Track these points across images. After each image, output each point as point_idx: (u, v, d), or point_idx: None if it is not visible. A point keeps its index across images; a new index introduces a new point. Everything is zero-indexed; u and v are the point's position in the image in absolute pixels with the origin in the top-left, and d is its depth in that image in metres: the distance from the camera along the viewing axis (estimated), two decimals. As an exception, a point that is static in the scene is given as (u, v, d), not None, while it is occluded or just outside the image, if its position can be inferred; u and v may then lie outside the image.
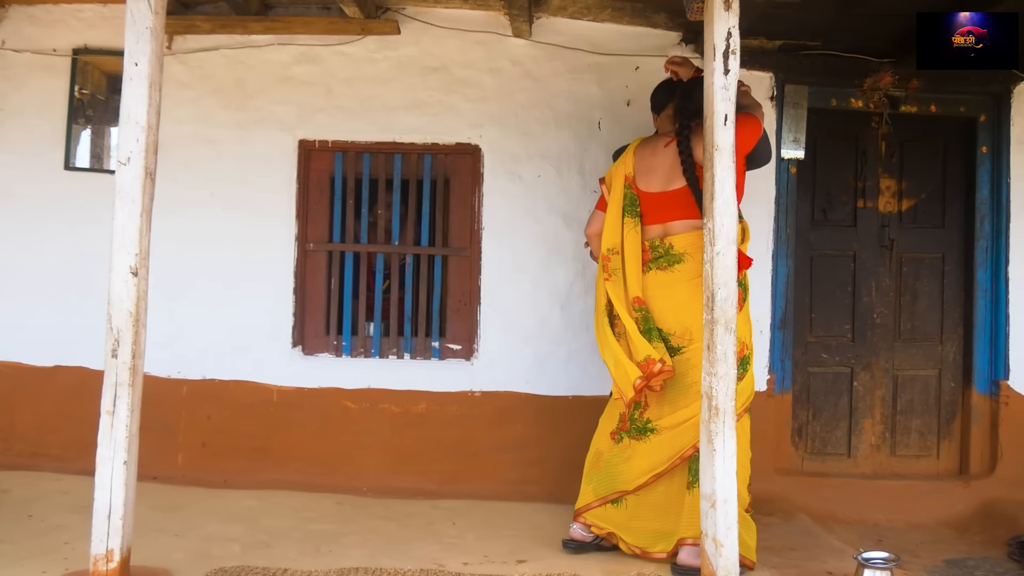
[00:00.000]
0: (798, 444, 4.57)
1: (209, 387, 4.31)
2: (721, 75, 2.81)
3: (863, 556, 2.91)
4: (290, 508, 3.87)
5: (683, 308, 3.31)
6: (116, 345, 2.74)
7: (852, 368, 4.60)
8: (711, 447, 2.81)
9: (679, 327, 3.33)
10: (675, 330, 3.34)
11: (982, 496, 4.38)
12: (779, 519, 4.01)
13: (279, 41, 4.30)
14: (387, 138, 4.33)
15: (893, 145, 4.59)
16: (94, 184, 4.36)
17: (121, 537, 2.75)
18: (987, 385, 4.51)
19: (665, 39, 4.30)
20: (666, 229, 3.41)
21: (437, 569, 3.12)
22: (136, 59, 2.76)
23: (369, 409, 4.30)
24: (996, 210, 4.49)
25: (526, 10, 3.92)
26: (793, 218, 4.44)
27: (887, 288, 4.60)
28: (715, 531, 2.81)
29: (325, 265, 4.40)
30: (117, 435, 2.73)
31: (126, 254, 2.76)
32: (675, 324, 3.34)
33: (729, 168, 2.80)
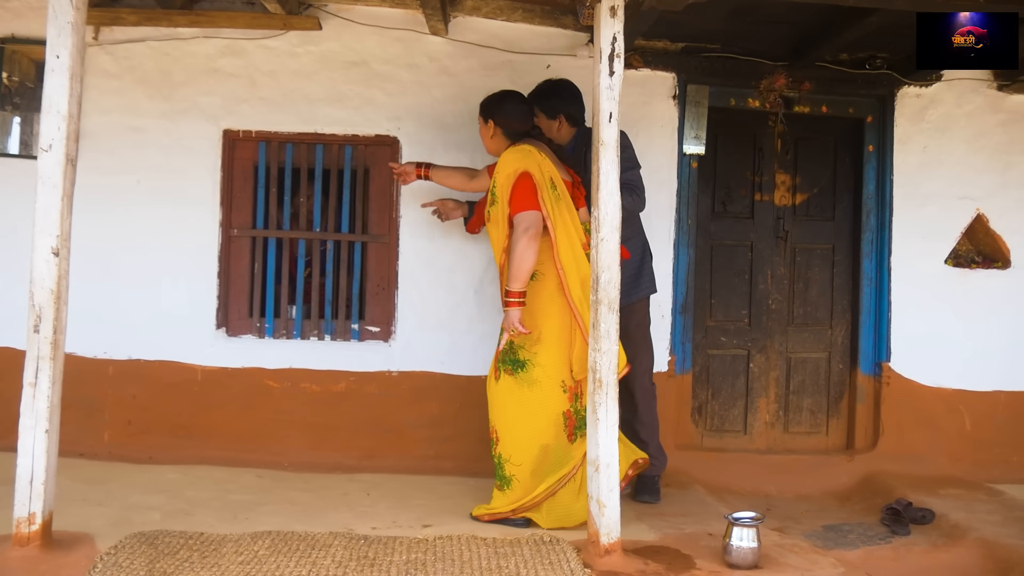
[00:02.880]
0: (698, 422, 4.87)
1: (135, 367, 4.44)
2: (607, 76, 3.06)
3: (732, 516, 3.19)
4: (212, 481, 4.02)
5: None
6: (38, 321, 2.89)
7: (749, 351, 4.92)
8: (595, 416, 3.08)
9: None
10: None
11: (865, 469, 4.73)
12: (676, 490, 4.27)
13: (204, 34, 4.43)
14: (309, 129, 4.50)
15: (788, 143, 4.91)
16: (22, 169, 4.39)
17: (43, 501, 2.90)
18: (871, 367, 4.87)
19: (575, 39, 4.54)
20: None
21: (346, 532, 3.32)
22: (58, 52, 2.90)
23: (291, 388, 4.48)
24: (881, 205, 4.84)
25: (440, 10, 4.13)
26: (694, 210, 4.73)
27: (782, 276, 4.93)
28: (599, 493, 3.07)
29: (249, 250, 4.56)
30: (39, 405, 2.89)
31: (48, 236, 2.91)
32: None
33: (613, 162, 3.06)
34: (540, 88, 4.04)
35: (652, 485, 4.09)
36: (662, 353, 4.62)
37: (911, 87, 4.77)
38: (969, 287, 4.83)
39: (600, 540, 3.07)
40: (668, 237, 4.63)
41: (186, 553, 3.02)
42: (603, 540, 3.07)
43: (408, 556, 3.08)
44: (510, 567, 3.00)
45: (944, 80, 4.77)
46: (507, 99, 3.78)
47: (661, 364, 4.61)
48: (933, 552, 3.85)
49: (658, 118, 4.63)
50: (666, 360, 4.64)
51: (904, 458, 4.71)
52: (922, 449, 4.75)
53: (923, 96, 4.79)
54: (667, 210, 4.63)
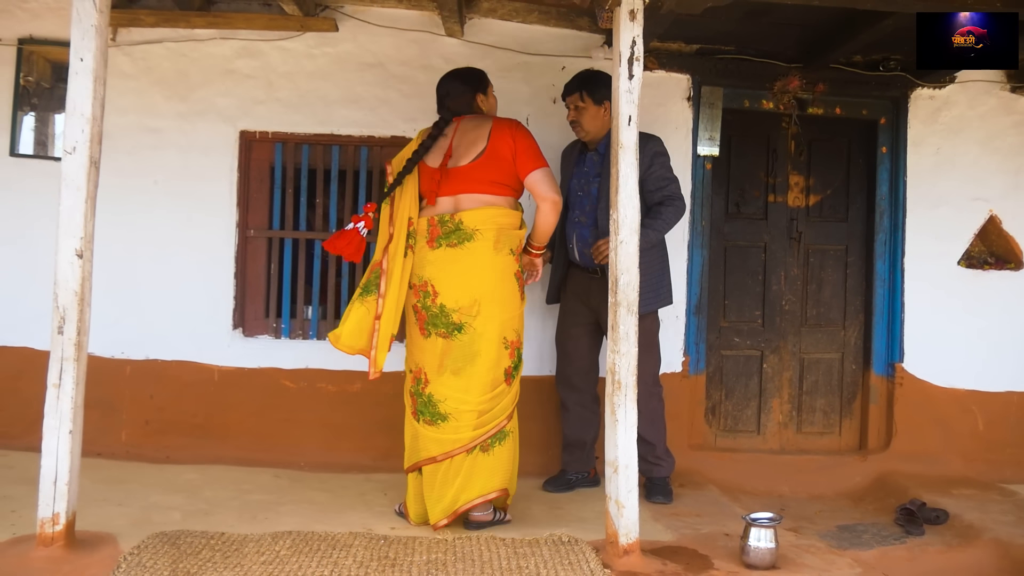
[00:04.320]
0: (711, 422, 4.89)
1: (152, 367, 4.48)
2: (626, 79, 3.07)
3: (750, 516, 3.21)
4: (229, 481, 4.05)
5: (473, 281, 3.42)
6: (62, 322, 2.92)
7: (762, 351, 4.93)
8: (614, 418, 3.09)
9: (468, 300, 3.41)
10: (462, 304, 3.41)
11: (878, 469, 4.75)
12: (690, 490, 4.29)
13: (221, 35, 4.46)
14: (325, 130, 4.54)
15: (801, 144, 4.91)
16: (38, 170, 4.47)
17: (67, 501, 2.93)
18: (884, 367, 4.88)
19: (590, 41, 4.56)
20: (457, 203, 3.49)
21: (366, 532, 3.35)
22: (82, 55, 2.92)
23: (307, 388, 4.51)
24: (894, 206, 4.85)
25: (457, 11, 4.15)
26: (708, 211, 4.74)
27: (795, 277, 4.94)
28: (617, 494, 3.09)
29: (265, 251, 4.59)
30: (63, 406, 2.91)
31: (72, 237, 2.93)
32: (464, 298, 3.41)
33: (632, 165, 3.08)
34: (584, 76, 4.02)
35: (664, 487, 4.10)
36: (676, 354, 4.64)
37: (924, 89, 4.78)
38: (982, 288, 4.84)
39: (619, 540, 3.09)
40: (682, 238, 4.64)
41: (208, 553, 3.04)
42: (622, 541, 3.08)
43: (428, 556, 3.10)
44: (530, 567, 3.02)
45: (957, 82, 4.78)
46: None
47: (675, 365, 4.64)
48: (948, 552, 3.86)
49: (672, 119, 4.65)
50: (680, 361, 4.66)
51: (917, 458, 4.73)
52: (935, 449, 4.76)
53: (936, 98, 4.80)
54: (681, 211, 4.64)
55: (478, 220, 3.43)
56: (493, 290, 3.43)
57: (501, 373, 3.46)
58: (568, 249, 4.10)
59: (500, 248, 3.45)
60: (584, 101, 3.95)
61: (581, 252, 4.02)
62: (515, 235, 3.52)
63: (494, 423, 3.45)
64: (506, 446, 3.49)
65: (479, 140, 3.48)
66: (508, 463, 3.51)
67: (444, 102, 3.67)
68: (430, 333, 3.47)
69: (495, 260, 3.44)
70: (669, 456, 4.15)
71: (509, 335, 3.48)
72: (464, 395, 3.42)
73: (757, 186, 4.92)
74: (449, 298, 3.42)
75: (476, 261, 3.43)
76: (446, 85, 3.70)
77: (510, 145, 3.45)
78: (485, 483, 3.44)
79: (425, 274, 3.47)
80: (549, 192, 3.44)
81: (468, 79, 3.71)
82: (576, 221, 4.04)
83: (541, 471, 4.32)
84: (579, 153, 4.12)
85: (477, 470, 3.43)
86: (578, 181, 4.07)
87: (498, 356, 3.45)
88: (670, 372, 4.60)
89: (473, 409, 3.42)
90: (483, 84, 3.74)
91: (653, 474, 4.09)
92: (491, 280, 3.44)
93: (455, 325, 3.42)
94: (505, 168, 3.45)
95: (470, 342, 3.41)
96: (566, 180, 4.13)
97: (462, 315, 3.41)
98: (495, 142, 3.46)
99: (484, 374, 3.42)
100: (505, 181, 3.47)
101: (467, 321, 3.41)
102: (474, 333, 3.41)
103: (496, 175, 3.46)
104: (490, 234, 3.43)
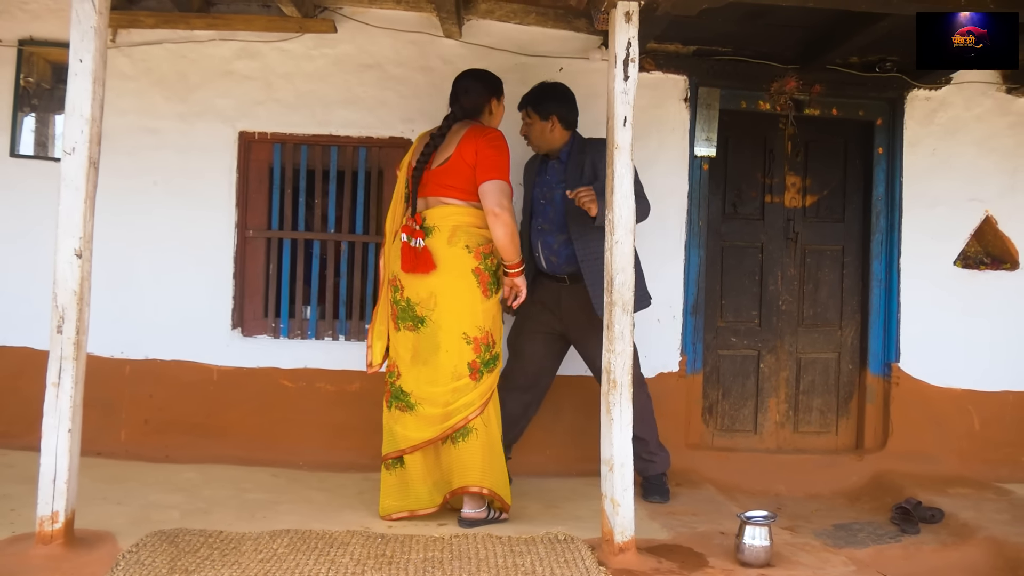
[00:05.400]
0: (708, 421, 4.91)
1: (151, 367, 4.49)
2: (621, 81, 3.09)
3: (745, 515, 3.23)
4: (228, 480, 4.07)
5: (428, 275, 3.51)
6: (61, 322, 2.94)
7: (759, 351, 4.95)
8: (609, 417, 3.11)
9: (425, 293, 3.52)
10: (421, 297, 3.53)
11: (874, 468, 4.77)
12: (686, 489, 4.31)
13: (220, 37, 4.48)
14: (324, 131, 4.55)
15: (798, 145, 4.93)
16: (38, 170, 4.48)
17: (66, 500, 2.95)
18: (880, 367, 4.90)
19: (587, 42, 4.58)
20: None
21: (363, 531, 3.37)
22: (81, 56, 2.95)
23: (306, 388, 4.53)
24: (890, 207, 4.87)
25: (455, 13, 4.17)
26: (705, 211, 4.76)
27: (792, 277, 4.96)
28: (613, 492, 3.11)
29: (264, 251, 4.61)
30: (62, 405, 2.93)
31: (71, 237, 2.95)
32: (422, 290, 3.52)
33: (627, 165, 3.10)
34: (533, 91, 4.03)
35: (660, 485, 4.12)
36: (673, 353, 4.66)
37: (921, 90, 4.80)
38: (978, 288, 4.86)
39: (614, 539, 3.11)
40: (679, 238, 4.66)
41: (206, 551, 3.07)
42: (617, 539, 3.11)
43: (425, 554, 3.12)
44: (526, 565, 3.05)
45: (954, 83, 4.80)
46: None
47: (672, 364, 4.66)
48: (943, 551, 3.88)
49: (669, 120, 4.67)
50: (677, 360, 4.68)
51: (913, 458, 4.74)
52: (931, 449, 4.78)
53: (932, 99, 4.82)
54: (678, 212, 4.67)
55: (436, 217, 3.54)
56: (445, 283, 3.51)
57: (464, 367, 3.50)
58: (535, 258, 4.07)
59: (455, 243, 3.52)
60: (531, 117, 3.97)
61: (547, 259, 4.01)
62: (475, 232, 3.56)
63: (459, 416, 3.49)
64: (471, 442, 3.51)
65: (451, 146, 3.57)
66: (479, 459, 3.51)
67: (459, 98, 3.70)
68: (400, 327, 3.60)
69: (447, 253, 3.51)
70: (663, 451, 4.16)
71: (469, 330, 3.51)
72: (430, 387, 3.51)
73: (754, 187, 4.94)
74: (412, 292, 3.55)
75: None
76: (465, 82, 3.74)
77: (472, 154, 3.51)
78: (459, 478, 3.51)
79: (394, 268, 3.60)
80: (492, 204, 3.47)
81: (488, 82, 3.78)
82: (540, 229, 4.03)
83: (539, 471, 4.34)
84: (540, 163, 4.10)
85: (448, 464, 3.53)
86: (540, 190, 4.05)
87: (459, 349, 3.50)
88: (667, 372, 4.63)
89: (437, 401, 3.50)
90: (500, 91, 3.82)
91: (649, 471, 4.10)
92: (443, 273, 3.50)
93: (419, 318, 3.54)
94: (466, 175, 3.53)
95: (431, 335, 3.52)
96: (528, 190, 4.13)
97: (423, 308, 3.53)
98: (461, 149, 3.53)
99: (445, 366, 3.50)
100: (465, 187, 3.54)
101: (427, 314, 3.53)
102: (434, 326, 3.52)
103: (456, 181, 3.54)
104: (445, 230, 3.52)
